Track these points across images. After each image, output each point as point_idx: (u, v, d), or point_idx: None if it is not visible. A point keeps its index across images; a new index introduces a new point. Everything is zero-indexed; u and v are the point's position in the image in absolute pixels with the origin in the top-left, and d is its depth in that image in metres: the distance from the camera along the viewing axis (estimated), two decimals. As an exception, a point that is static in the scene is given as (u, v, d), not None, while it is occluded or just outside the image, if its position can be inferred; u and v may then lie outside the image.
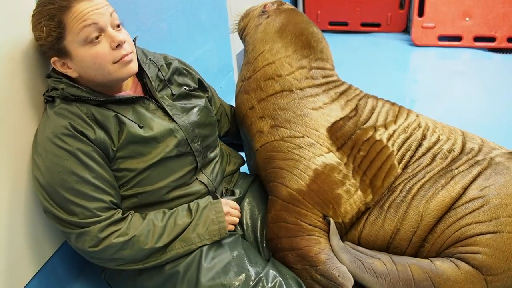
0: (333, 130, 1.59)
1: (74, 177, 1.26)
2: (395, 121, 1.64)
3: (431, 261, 1.40)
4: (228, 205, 1.50)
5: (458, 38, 4.19)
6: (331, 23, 4.81)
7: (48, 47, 1.29)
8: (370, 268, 1.40)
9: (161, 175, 1.42)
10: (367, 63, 4.01)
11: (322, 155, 1.55)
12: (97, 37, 1.26)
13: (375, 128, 1.60)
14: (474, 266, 1.35)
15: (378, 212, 1.53)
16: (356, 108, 1.66)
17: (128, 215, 1.35)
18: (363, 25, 4.72)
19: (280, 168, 1.56)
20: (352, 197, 1.52)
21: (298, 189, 1.51)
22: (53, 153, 1.27)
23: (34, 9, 1.28)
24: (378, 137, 1.58)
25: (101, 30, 1.26)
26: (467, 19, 4.12)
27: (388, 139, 1.59)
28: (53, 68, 1.37)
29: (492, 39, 4.09)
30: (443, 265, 1.37)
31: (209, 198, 1.48)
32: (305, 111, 1.60)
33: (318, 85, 1.66)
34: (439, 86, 3.46)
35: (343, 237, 1.56)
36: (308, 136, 1.57)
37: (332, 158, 1.55)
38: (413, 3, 4.26)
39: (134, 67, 1.34)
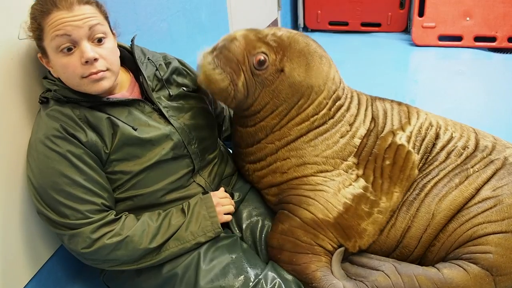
0: (359, 152, 1.54)
1: (64, 179, 1.26)
2: (409, 122, 1.60)
3: (438, 269, 1.37)
4: (216, 196, 1.49)
5: (458, 38, 4.18)
6: (331, 23, 4.80)
7: (35, 43, 1.30)
8: (374, 286, 1.37)
9: (157, 178, 1.41)
10: (367, 63, 4.00)
11: (351, 185, 1.50)
12: (70, 49, 1.24)
13: (393, 133, 1.56)
14: (484, 267, 1.34)
15: None
16: (373, 117, 1.61)
17: (121, 216, 1.35)
18: (363, 25, 4.71)
19: (306, 197, 1.49)
20: (377, 225, 1.48)
21: (323, 219, 1.46)
22: (44, 155, 1.27)
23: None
24: (399, 141, 1.54)
25: (75, 43, 1.25)
26: (468, 19, 4.11)
27: (408, 142, 1.55)
28: (49, 70, 1.37)
29: (492, 39, 4.08)
30: (451, 273, 1.35)
31: (199, 195, 1.47)
32: (335, 140, 1.53)
33: (342, 105, 1.58)
34: (439, 86, 3.45)
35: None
36: (337, 168, 1.52)
37: (360, 184, 1.50)
38: (414, 3, 4.25)
39: (104, 84, 1.29)
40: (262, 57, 1.47)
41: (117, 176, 1.37)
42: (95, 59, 1.26)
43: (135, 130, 1.37)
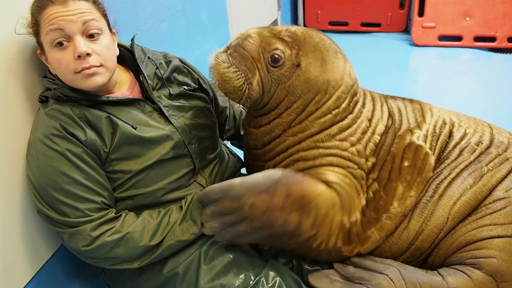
0: (378, 150, 1.49)
1: (64, 178, 1.26)
2: (424, 120, 1.56)
3: (442, 276, 1.34)
4: None
5: (458, 38, 4.19)
6: (331, 23, 4.81)
7: (35, 39, 1.31)
8: None
9: (157, 177, 1.41)
10: (367, 63, 4.00)
11: (366, 192, 1.46)
12: (63, 43, 1.25)
13: (411, 131, 1.52)
14: (488, 272, 1.31)
15: None
16: (390, 114, 1.56)
17: (121, 213, 1.35)
18: (363, 25, 4.71)
19: (333, 182, 1.43)
20: (384, 232, 1.44)
21: (341, 222, 1.41)
22: (43, 153, 1.27)
23: None
24: (417, 141, 1.49)
25: (69, 38, 1.25)
26: (468, 19, 4.11)
27: (425, 141, 1.51)
28: (49, 69, 1.37)
29: (492, 39, 4.09)
30: (455, 281, 1.32)
31: (196, 192, 1.46)
32: (358, 137, 1.49)
33: (358, 101, 1.53)
34: (439, 86, 3.46)
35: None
36: (361, 168, 1.47)
37: (372, 188, 1.46)
38: (413, 3, 4.25)
39: (97, 80, 1.29)
40: (278, 53, 1.43)
41: (117, 175, 1.37)
42: (88, 54, 1.26)
43: (135, 129, 1.37)
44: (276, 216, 1.32)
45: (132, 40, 1.51)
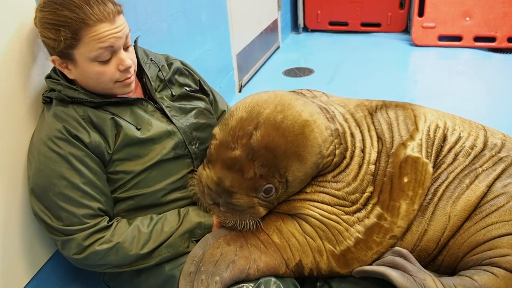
0: (375, 178, 1.47)
1: (63, 182, 1.26)
2: (417, 128, 1.54)
3: (470, 277, 1.35)
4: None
5: (458, 38, 4.19)
6: (331, 23, 4.81)
7: (52, 47, 1.26)
8: (422, 284, 1.32)
9: (158, 178, 1.41)
10: (367, 63, 4.01)
11: (366, 218, 1.43)
12: (109, 59, 1.28)
13: (404, 145, 1.49)
14: (508, 269, 1.33)
15: None
16: (378, 136, 1.53)
17: (113, 222, 1.35)
18: (363, 25, 4.72)
19: (320, 222, 1.43)
20: (385, 248, 1.43)
21: (330, 250, 1.41)
22: (45, 155, 1.27)
23: (44, 5, 1.24)
24: (412, 153, 1.47)
25: (114, 52, 1.29)
26: (468, 19, 4.11)
27: (421, 151, 1.49)
28: (53, 69, 1.37)
29: (492, 39, 4.09)
30: (483, 279, 1.33)
31: (200, 212, 1.44)
32: (355, 174, 1.47)
33: (345, 132, 1.49)
34: (439, 86, 3.46)
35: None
36: (356, 203, 1.45)
37: (375, 213, 1.44)
38: (413, 3, 4.26)
39: (132, 86, 1.39)
40: (268, 188, 1.37)
41: (119, 176, 1.37)
42: (131, 66, 1.32)
43: (138, 129, 1.38)
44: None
45: (135, 42, 1.51)
